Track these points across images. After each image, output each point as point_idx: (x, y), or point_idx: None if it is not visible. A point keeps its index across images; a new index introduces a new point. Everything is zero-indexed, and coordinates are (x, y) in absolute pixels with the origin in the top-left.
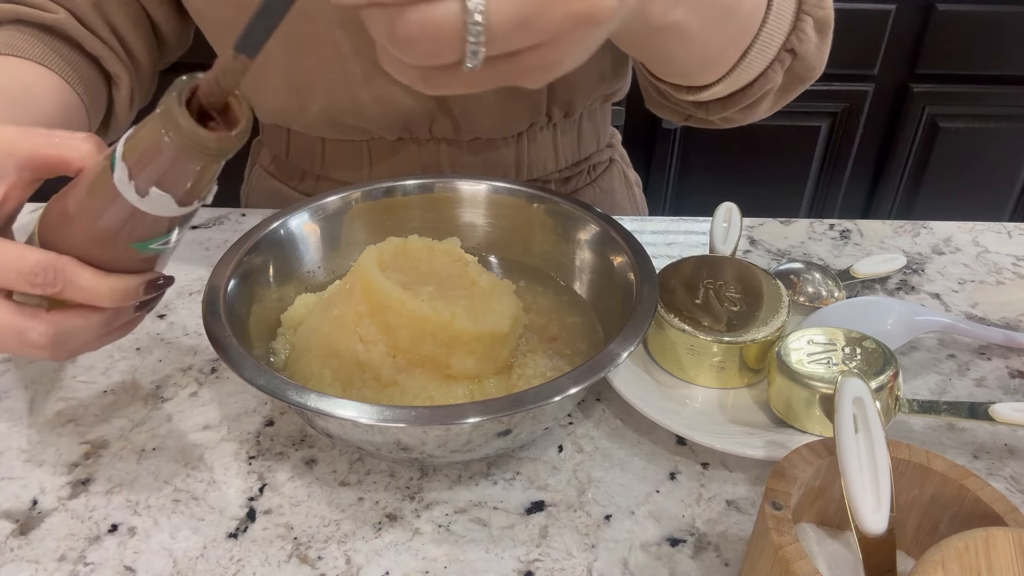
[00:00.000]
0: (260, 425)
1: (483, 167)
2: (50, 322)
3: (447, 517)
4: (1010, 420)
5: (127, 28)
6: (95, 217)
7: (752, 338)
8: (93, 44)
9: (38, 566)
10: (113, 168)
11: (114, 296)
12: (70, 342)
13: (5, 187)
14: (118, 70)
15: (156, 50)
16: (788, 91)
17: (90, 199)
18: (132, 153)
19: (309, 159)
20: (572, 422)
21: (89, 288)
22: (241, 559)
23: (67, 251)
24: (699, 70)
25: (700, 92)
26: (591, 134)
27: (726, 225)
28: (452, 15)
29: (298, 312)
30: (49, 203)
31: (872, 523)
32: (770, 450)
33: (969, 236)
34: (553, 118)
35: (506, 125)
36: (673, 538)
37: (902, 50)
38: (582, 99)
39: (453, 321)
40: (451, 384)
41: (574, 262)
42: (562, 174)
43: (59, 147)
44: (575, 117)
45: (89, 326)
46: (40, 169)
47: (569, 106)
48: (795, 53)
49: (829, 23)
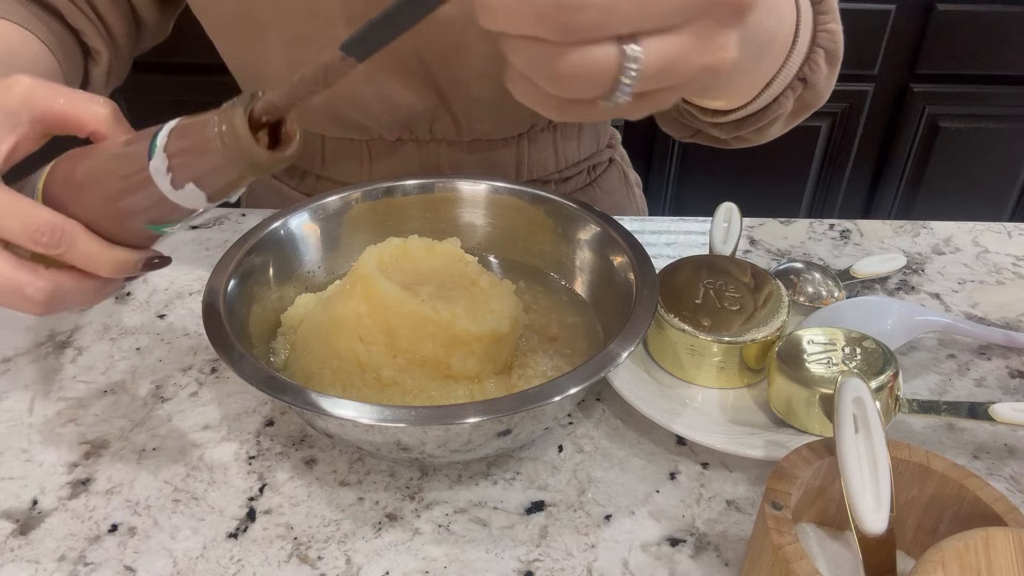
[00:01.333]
0: (260, 425)
1: (483, 167)
2: (49, 279)
3: (447, 517)
4: (1010, 420)
5: (108, 7)
6: (117, 194)
7: (752, 338)
8: (76, 17)
9: (38, 566)
10: (151, 155)
11: (115, 268)
12: (63, 302)
13: (16, 137)
14: (99, 46)
15: (134, 33)
16: (796, 116)
17: (115, 176)
18: (176, 147)
19: (309, 158)
20: (572, 422)
21: (93, 257)
22: (241, 559)
23: (74, 215)
24: (731, 95)
25: (723, 115)
26: (591, 135)
27: (726, 225)
28: (612, 58)
29: (298, 312)
30: (60, 161)
31: (872, 523)
32: (770, 450)
33: (969, 236)
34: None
35: (507, 126)
36: (673, 538)
37: (902, 50)
38: None
39: (453, 321)
40: (451, 384)
41: (574, 262)
42: (562, 174)
43: (76, 107)
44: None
45: (83, 289)
46: (53, 125)
47: None
48: (807, 82)
49: (839, 56)
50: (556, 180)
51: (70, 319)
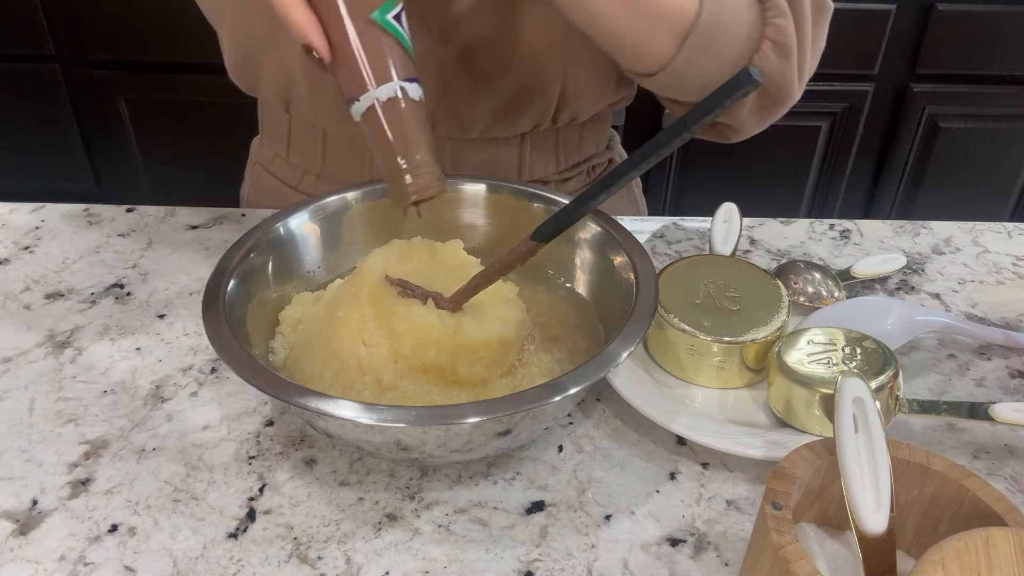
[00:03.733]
0: (260, 425)
1: (485, 166)
2: None
3: (447, 517)
4: (1010, 420)
5: None
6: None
7: (752, 338)
8: None
9: (38, 566)
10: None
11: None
12: None
13: None
14: None
15: None
16: (767, 111)
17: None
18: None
19: (310, 154)
20: (572, 422)
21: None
22: (241, 559)
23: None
24: (631, 51)
25: (651, 80)
26: (592, 138)
27: (726, 225)
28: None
29: (296, 311)
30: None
31: (872, 523)
32: (770, 450)
33: (969, 236)
34: (558, 123)
35: (511, 126)
36: (673, 538)
37: (902, 50)
38: (589, 107)
39: (460, 328)
40: (455, 389)
41: (574, 262)
42: (562, 175)
43: None
44: (580, 122)
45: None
46: None
47: (576, 113)
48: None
49: (791, 48)
50: (556, 181)
51: (70, 319)
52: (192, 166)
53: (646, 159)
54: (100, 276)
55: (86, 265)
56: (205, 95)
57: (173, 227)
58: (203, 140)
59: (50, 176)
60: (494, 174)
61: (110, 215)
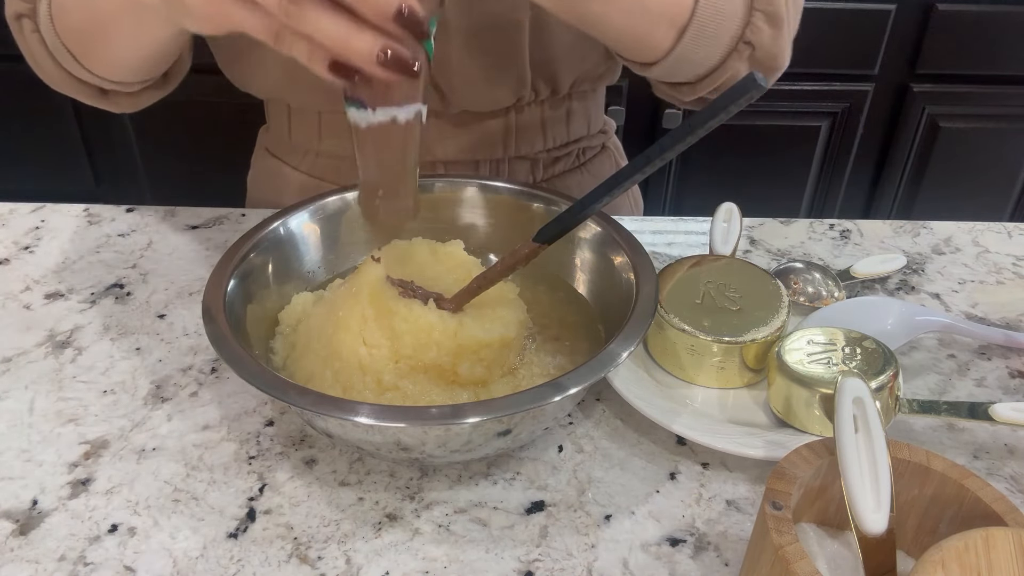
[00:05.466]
0: (260, 425)
1: (470, 142)
2: None
3: (447, 517)
4: (1010, 420)
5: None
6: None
7: (752, 338)
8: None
9: (38, 566)
10: None
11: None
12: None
13: None
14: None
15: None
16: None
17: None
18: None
19: (307, 135)
20: (572, 422)
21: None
22: (241, 559)
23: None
24: (630, 47)
25: (648, 68)
26: (581, 117)
27: (726, 225)
28: None
29: (295, 310)
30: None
31: (872, 523)
32: (770, 450)
33: (969, 236)
34: (540, 94)
35: (492, 99)
36: (673, 538)
37: (902, 50)
38: (566, 75)
39: (461, 329)
40: (455, 389)
41: (574, 262)
42: (550, 154)
43: None
44: (562, 95)
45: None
46: None
47: (554, 82)
48: (752, 45)
49: (781, 17)
50: (544, 160)
51: (70, 319)
52: (192, 166)
53: (650, 162)
54: (100, 276)
55: (86, 265)
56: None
57: (173, 227)
58: (203, 140)
59: (50, 176)
60: (480, 150)
61: (110, 215)
